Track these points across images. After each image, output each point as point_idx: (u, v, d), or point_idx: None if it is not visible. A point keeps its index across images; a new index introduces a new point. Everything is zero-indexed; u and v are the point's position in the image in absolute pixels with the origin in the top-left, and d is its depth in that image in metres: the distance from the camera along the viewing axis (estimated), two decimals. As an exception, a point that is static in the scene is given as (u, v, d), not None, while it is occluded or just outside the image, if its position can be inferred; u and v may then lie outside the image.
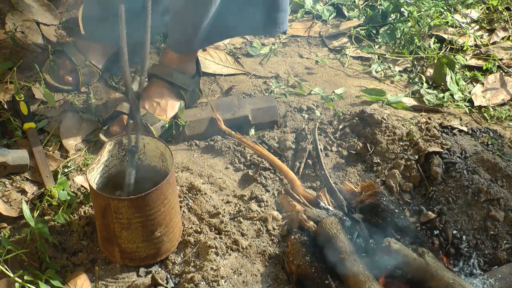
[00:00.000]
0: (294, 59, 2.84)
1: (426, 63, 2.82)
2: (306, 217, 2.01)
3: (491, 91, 2.67)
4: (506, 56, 2.86)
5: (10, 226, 2.06)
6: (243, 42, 2.91)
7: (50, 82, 2.54)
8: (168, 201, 1.88)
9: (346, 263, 1.87)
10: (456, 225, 2.09)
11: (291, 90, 2.65)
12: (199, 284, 1.85)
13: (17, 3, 2.80)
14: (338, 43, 2.94)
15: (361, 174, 2.28)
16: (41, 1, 2.85)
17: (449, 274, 1.86)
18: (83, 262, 1.97)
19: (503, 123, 2.53)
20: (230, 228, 2.03)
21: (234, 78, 2.71)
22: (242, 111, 2.43)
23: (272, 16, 2.41)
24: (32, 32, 2.75)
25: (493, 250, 2.04)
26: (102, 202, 1.85)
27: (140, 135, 1.89)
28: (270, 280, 1.93)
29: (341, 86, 2.68)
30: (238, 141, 2.32)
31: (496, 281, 1.94)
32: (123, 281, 1.92)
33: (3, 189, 2.16)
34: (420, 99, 2.63)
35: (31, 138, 2.32)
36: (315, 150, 2.29)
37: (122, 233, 1.88)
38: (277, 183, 2.22)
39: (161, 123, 2.36)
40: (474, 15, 3.09)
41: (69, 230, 2.04)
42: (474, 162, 2.24)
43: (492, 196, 2.10)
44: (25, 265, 1.93)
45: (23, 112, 2.37)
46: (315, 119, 2.47)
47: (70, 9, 2.92)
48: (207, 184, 2.20)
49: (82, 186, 2.18)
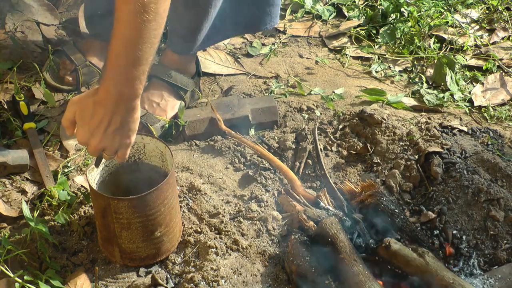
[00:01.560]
0: (294, 59, 2.84)
1: (426, 63, 2.82)
2: (306, 217, 2.01)
3: (491, 91, 2.67)
4: (506, 56, 2.86)
5: (10, 226, 2.06)
6: (243, 42, 2.91)
7: (50, 82, 2.54)
8: (168, 201, 1.88)
9: (346, 263, 1.87)
10: (456, 225, 2.09)
11: (291, 90, 2.65)
12: (199, 284, 1.85)
13: (17, 3, 2.80)
14: (338, 43, 2.94)
15: (361, 174, 2.28)
16: (41, 1, 2.85)
17: (449, 274, 1.86)
18: (83, 262, 1.97)
19: (503, 123, 2.53)
20: (230, 228, 2.03)
21: (234, 78, 2.71)
22: (242, 111, 2.43)
23: (266, 11, 2.42)
24: (32, 32, 2.75)
25: (493, 250, 2.04)
26: (102, 202, 1.85)
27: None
28: (270, 280, 1.93)
29: (341, 86, 2.68)
30: (238, 141, 2.32)
31: (496, 281, 1.94)
32: (123, 281, 1.92)
33: (3, 189, 2.16)
34: (420, 99, 2.63)
35: (31, 138, 2.32)
36: (315, 150, 2.29)
37: (122, 233, 1.88)
38: (277, 183, 2.22)
39: (161, 123, 2.36)
40: (474, 15, 3.09)
41: (69, 230, 2.04)
42: (474, 162, 2.24)
43: (492, 196, 2.10)
44: (25, 265, 1.93)
45: (23, 112, 2.37)
46: (315, 119, 2.47)
47: (70, 9, 2.92)
48: (207, 184, 2.20)
49: (82, 186, 2.18)
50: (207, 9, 2.25)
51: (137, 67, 1.68)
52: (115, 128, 1.72)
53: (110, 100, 1.69)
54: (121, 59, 1.67)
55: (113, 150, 1.77)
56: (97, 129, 1.70)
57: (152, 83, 2.43)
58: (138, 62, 1.68)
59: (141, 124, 2.32)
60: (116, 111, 1.70)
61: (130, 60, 1.67)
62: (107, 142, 1.73)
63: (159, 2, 1.63)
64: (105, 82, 1.70)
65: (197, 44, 2.37)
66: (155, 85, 2.43)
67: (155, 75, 2.43)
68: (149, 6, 1.61)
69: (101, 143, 1.72)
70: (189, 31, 2.34)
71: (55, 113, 2.46)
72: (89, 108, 1.70)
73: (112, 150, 1.76)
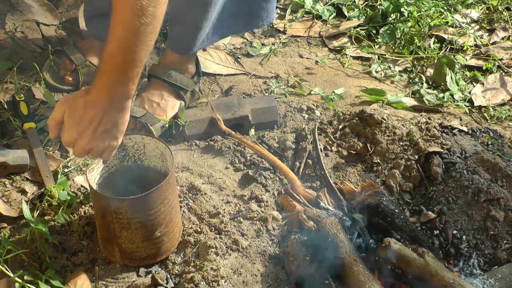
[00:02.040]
0: (294, 59, 2.84)
1: (426, 63, 2.82)
2: (306, 217, 2.01)
3: (491, 91, 2.67)
4: (506, 56, 2.86)
5: (10, 226, 2.06)
6: (243, 42, 2.91)
7: (50, 82, 2.54)
8: (168, 201, 1.88)
9: (346, 263, 1.87)
10: (456, 225, 2.09)
11: (291, 90, 2.65)
12: (199, 284, 1.85)
13: (17, 3, 2.80)
14: (338, 43, 2.94)
15: (361, 174, 2.28)
16: (41, 1, 2.85)
17: (449, 274, 1.86)
18: (83, 262, 1.97)
19: (503, 123, 2.53)
20: (230, 228, 2.03)
21: (234, 78, 2.71)
22: (242, 111, 2.43)
23: (262, 6, 2.42)
24: (32, 32, 2.75)
25: (493, 250, 2.04)
26: (102, 202, 1.85)
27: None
28: (270, 280, 1.93)
29: (341, 86, 2.68)
30: (238, 141, 2.32)
31: (496, 281, 1.94)
32: (123, 281, 1.92)
33: (3, 189, 2.16)
34: (420, 99, 2.63)
35: (31, 138, 2.32)
36: (315, 150, 2.29)
37: (122, 233, 1.88)
38: (277, 183, 2.22)
39: (161, 123, 2.36)
40: (474, 15, 3.09)
41: (69, 230, 2.04)
42: (474, 162, 2.24)
43: (492, 196, 2.10)
44: (25, 265, 1.93)
45: (23, 112, 2.37)
46: (315, 119, 2.47)
47: (70, 9, 2.92)
48: (207, 184, 2.20)
49: (82, 186, 2.18)
50: (207, 8, 2.25)
51: (132, 68, 1.69)
52: (105, 128, 1.72)
53: (102, 100, 1.69)
54: (116, 61, 1.67)
55: (99, 152, 1.76)
56: (86, 130, 1.70)
57: (152, 83, 2.43)
58: (133, 64, 1.69)
59: (141, 124, 2.33)
60: (107, 111, 1.70)
61: (126, 62, 1.68)
62: (95, 143, 1.72)
63: (158, 6, 1.64)
64: (98, 82, 1.70)
65: (197, 43, 2.37)
66: (155, 85, 2.43)
67: (155, 75, 2.43)
68: (147, 10, 1.62)
69: (89, 144, 1.72)
70: (189, 30, 2.34)
71: (55, 113, 2.46)
72: (79, 108, 1.70)
73: (99, 152, 1.76)
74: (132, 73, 1.69)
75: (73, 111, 1.71)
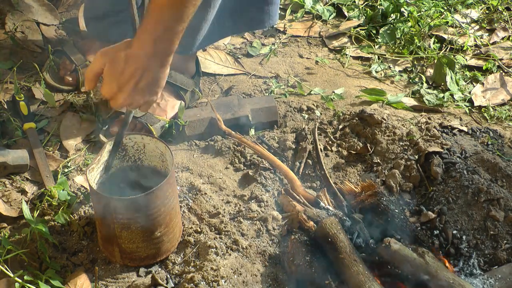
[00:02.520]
0: (294, 59, 2.84)
1: (426, 63, 2.82)
2: (306, 217, 2.01)
3: (491, 91, 2.67)
4: (506, 56, 2.86)
5: (10, 226, 2.06)
6: (243, 42, 2.91)
7: (50, 82, 2.54)
8: (168, 201, 1.88)
9: (346, 263, 1.87)
10: (456, 225, 2.09)
11: (291, 90, 2.65)
12: (199, 284, 1.85)
13: (17, 3, 2.80)
14: (338, 43, 2.94)
15: (361, 174, 2.28)
16: (41, 1, 2.85)
17: (449, 274, 1.86)
18: (83, 262, 1.97)
19: (503, 123, 2.53)
20: (230, 228, 2.03)
21: (234, 78, 2.71)
22: (242, 111, 2.43)
23: (264, 10, 2.42)
24: (32, 32, 2.75)
25: (493, 250, 2.04)
26: (102, 202, 1.85)
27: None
28: (270, 280, 1.93)
29: (341, 86, 2.68)
30: (238, 141, 2.32)
31: (496, 281, 1.94)
32: (123, 281, 1.92)
33: (3, 189, 2.16)
34: (420, 99, 2.63)
35: (31, 138, 2.32)
36: (315, 150, 2.29)
37: (122, 233, 1.88)
38: (277, 183, 2.22)
39: (161, 123, 2.36)
40: (474, 15, 3.10)
41: (69, 230, 2.04)
42: (474, 162, 2.24)
43: (492, 196, 2.10)
44: (25, 265, 1.93)
45: (23, 112, 2.37)
46: (315, 119, 2.47)
47: (70, 9, 2.92)
48: (207, 184, 2.20)
49: (82, 186, 2.18)
50: (206, 8, 2.24)
51: (180, 23, 1.65)
52: (146, 83, 1.68)
53: (145, 54, 1.65)
54: (164, 13, 1.63)
55: (138, 106, 1.74)
56: (127, 85, 1.67)
57: (152, 83, 2.43)
58: (181, 18, 1.65)
59: (141, 124, 2.33)
60: (149, 66, 1.66)
61: (174, 16, 1.64)
62: (135, 97, 1.70)
63: None
64: (142, 35, 1.65)
65: (196, 43, 2.37)
66: (155, 84, 2.42)
67: (155, 74, 2.42)
68: None
69: (129, 99, 1.69)
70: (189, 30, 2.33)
71: (55, 113, 2.46)
72: (120, 62, 1.66)
73: (137, 106, 1.74)
74: (178, 28, 1.65)
75: (114, 65, 1.67)
